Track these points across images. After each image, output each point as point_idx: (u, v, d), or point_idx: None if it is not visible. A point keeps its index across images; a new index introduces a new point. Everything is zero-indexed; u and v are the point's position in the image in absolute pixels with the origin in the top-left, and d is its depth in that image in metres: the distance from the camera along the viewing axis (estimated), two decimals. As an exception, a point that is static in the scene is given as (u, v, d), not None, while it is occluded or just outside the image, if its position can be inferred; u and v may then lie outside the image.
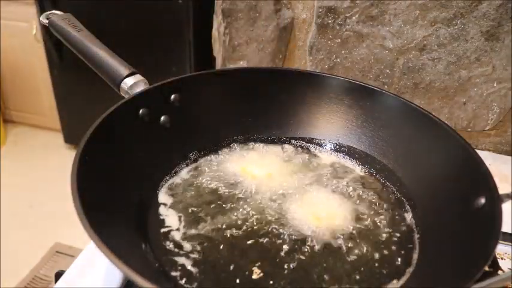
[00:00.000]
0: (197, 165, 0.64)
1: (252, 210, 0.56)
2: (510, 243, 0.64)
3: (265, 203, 0.57)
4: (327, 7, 0.87)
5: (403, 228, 0.56)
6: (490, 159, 0.87)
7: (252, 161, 0.65)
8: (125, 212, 0.51)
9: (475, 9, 0.79)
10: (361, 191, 0.61)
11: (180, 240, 0.51)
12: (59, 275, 0.56)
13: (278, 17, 0.93)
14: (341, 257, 0.50)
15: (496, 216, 0.44)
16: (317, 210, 0.57)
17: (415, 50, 0.86)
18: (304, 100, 0.70)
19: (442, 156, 0.58)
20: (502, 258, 0.63)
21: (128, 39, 1.75)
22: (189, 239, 0.51)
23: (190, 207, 0.56)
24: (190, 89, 0.64)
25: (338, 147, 0.69)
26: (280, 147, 0.69)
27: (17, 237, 1.88)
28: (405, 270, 0.50)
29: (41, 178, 2.25)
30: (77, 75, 2.00)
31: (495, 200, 0.46)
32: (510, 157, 0.89)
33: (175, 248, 0.50)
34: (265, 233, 0.53)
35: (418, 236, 0.55)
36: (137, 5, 1.72)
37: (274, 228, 0.53)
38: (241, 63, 1.00)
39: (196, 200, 0.58)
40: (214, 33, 1.03)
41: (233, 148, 0.67)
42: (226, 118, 0.68)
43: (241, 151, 0.67)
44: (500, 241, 0.43)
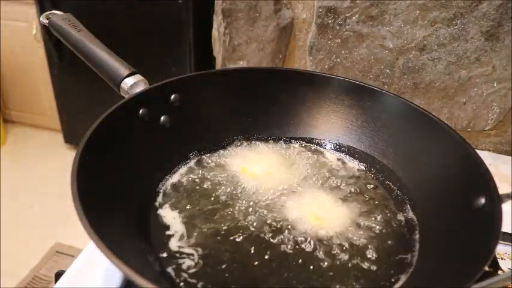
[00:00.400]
0: (197, 165, 0.64)
1: (252, 210, 0.56)
2: (510, 243, 0.64)
3: (265, 203, 0.57)
4: (327, 7, 0.87)
5: (403, 228, 0.56)
6: (490, 159, 0.87)
7: (252, 161, 0.65)
8: (125, 212, 0.51)
9: (475, 9, 0.79)
10: (361, 191, 0.61)
11: (180, 240, 0.51)
12: (59, 275, 0.56)
13: (278, 17, 0.93)
14: (340, 257, 0.50)
15: (496, 216, 0.44)
16: (317, 210, 0.57)
17: (415, 50, 0.86)
18: (304, 100, 0.70)
19: (442, 156, 0.58)
20: (502, 258, 0.63)
21: (128, 39, 1.75)
22: (189, 238, 0.52)
23: (190, 207, 0.56)
24: (190, 89, 0.65)
25: (338, 147, 0.69)
26: (280, 147, 0.69)
27: (17, 237, 1.88)
28: (405, 270, 0.50)
29: (41, 178, 2.25)
30: (77, 75, 2.00)
31: (495, 200, 0.46)
32: (510, 157, 0.90)
33: (175, 247, 0.50)
34: (265, 232, 0.53)
35: (418, 236, 0.55)
36: (137, 5, 1.72)
37: (274, 228, 0.53)
38: (241, 63, 1.00)
39: (196, 200, 0.58)
40: (214, 33, 1.03)
41: (233, 148, 0.67)
42: (226, 118, 0.68)
43: (241, 151, 0.67)
44: (500, 241, 0.43)
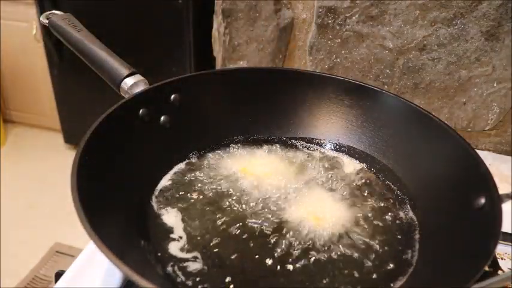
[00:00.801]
0: (197, 165, 0.64)
1: (252, 210, 0.56)
2: (510, 243, 0.64)
3: (265, 203, 0.57)
4: (327, 7, 0.87)
5: (403, 228, 0.56)
6: (490, 159, 0.87)
7: (252, 161, 0.65)
8: (125, 212, 0.51)
9: (475, 9, 0.79)
10: (361, 191, 0.61)
11: (180, 239, 0.51)
12: (59, 275, 0.56)
13: (278, 17, 0.93)
14: (340, 257, 0.50)
15: (496, 216, 0.44)
16: (316, 210, 0.57)
17: (415, 50, 0.86)
18: (304, 100, 0.70)
19: (442, 156, 0.58)
20: (502, 258, 0.63)
21: (128, 39, 1.75)
22: (189, 238, 0.52)
23: (190, 207, 0.56)
24: (190, 89, 0.64)
25: (338, 147, 0.69)
26: (280, 147, 0.69)
27: (17, 237, 1.88)
28: (405, 270, 0.50)
29: (41, 178, 2.25)
30: (77, 75, 2.00)
31: (495, 200, 0.46)
32: (510, 157, 0.89)
33: (175, 247, 0.50)
34: (264, 232, 0.53)
35: (418, 236, 0.55)
36: (137, 5, 1.72)
37: (274, 228, 0.53)
38: (241, 63, 1.00)
39: (196, 199, 0.58)
40: (214, 33, 1.03)
41: (233, 148, 0.67)
42: (226, 118, 0.68)
43: (241, 151, 0.67)
44: (500, 241, 0.43)
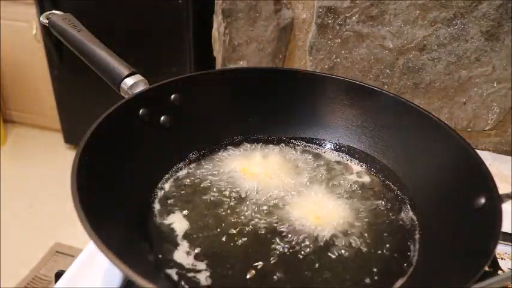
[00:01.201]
0: (197, 165, 0.64)
1: (252, 209, 0.56)
2: (510, 243, 0.64)
3: (265, 202, 0.57)
4: (327, 7, 0.87)
5: (403, 228, 0.56)
6: (490, 159, 0.87)
7: (252, 161, 0.65)
8: (125, 211, 0.51)
9: (475, 9, 0.79)
10: (361, 191, 0.61)
11: (180, 239, 0.51)
12: (59, 275, 0.56)
13: (278, 17, 0.93)
14: (341, 256, 0.50)
15: (496, 216, 0.44)
16: (317, 210, 0.57)
17: (415, 50, 0.86)
18: (304, 100, 0.70)
19: (442, 156, 0.58)
20: (502, 258, 0.63)
21: (128, 39, 1.75)
22: (189, 238, 0.52)
23: (190, 206, 0.56)
24: (190, 89, 0.64)
25: (338, 147, 0.69)
26: (280, 147, 0.69)
27: (17, 237, 1.88)
28: (405, 270, 0.50)
29: (41, 178, 2.25)
30: (77, 75, 2.00)
31: (495, 200, 0.46)
32: (510, 157, 0.89)
33: (175, 247, 0.50)
34: (265, 232, 0.53)
35: (418, 236, 0.55)
36: (137, 5, 1.72)
37: (274, 228, 0.53)
38: (241, 63, 1.00)
39: (196, 199, 0.58)
40: (214, 33, 1.03)
41: (233, 148, 0.67)
42: (226, 118, 0.68)
43: (242, 151, 0.67)
44: (500, 241, 0.43)
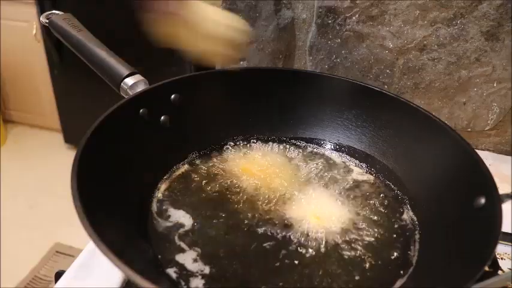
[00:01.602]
0: (197, 166, 0.64)
1: (252, 210, 0.56)
2: (510, 243, 0.64)
3: (265, 202, 0.57)
4: (327, 7, 0.87)
5: (403, 228, 0.56)
6: (490, 159, 0.87)
7: (252, 161, 0.65)
8: (125, 211, 0.51)
9: (475, 9, 0.79)
10: (361, 191, 0.61)
11: (180, 239, 0.51)
12: (59, 275, 0.56)
13: (278, 17, 0.93)
14: (341, 257, 0.50)
15: (496, 216, 0.44)
16: (317, 210, 0.57)
17: (415, 50, 0.86)
18: (304, 100, 0.70)
19: (442, 156, 0.58)
20: (502, 258, 0.62)
21: (128, 39, 1.74)
22: (189, 238, 0.52)
23: (189, 207, 0.56)
24: (190, 89, 0.64)
25: (338, 147, 0.69)
26: (280, 147, 0.69)
27: (17, 237, 1.88)
28: (405, 270, 0.50)
29: (41, 178, 2.25)
30: (77, 75, 2.00)
31: (495, 200, 0.46)
32: (510, 157, 0.89)
33: (175, 247, 0.50)
34: (265, 232, 0.53)
35: (418, 236, 0.55)
36: (137, 5, 1.71)
37: (274, 228, 0.53)
38: (241, 63, 1.00)
39: (196, 199, 0.58)
40: (214, 33, 1.03)
41: (233, 148, 0.67)
42: (226, 118, 0.68)
43: (242, 151, 0.67)
44: (500, 241, 0.43)
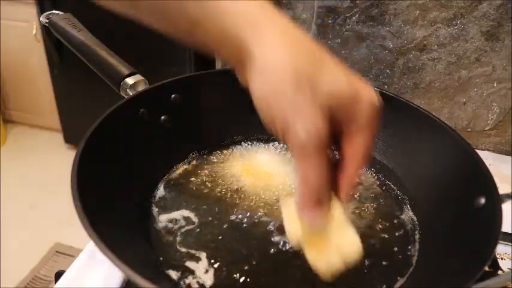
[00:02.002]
0: (197, 165, 0.64)
1: (252, 210, 0.56)
2: (510, 243, 0.64)
3: (265, 202, 0.57)
4: (327, 7, 0.87)
5: (403, 228, 0.56)
6: (490, 159, 0.87)
7: (252, 161, 0.65)
8: (125, 211, 0.51)
9: (475, 9, 0.79)
10: (361, 191, 0.61)
11: (180, 239, 0.51)
12: (59, 275, 0.56)
13: (278, 17, 0.93)
14: (341, 257, 0.50)
15: (496, 216, 0.44)
16: (317, 210, 0.56)
17: (415, 50, 0.86)
18: (304, 100, 0.70)
19: (442, 156, 0.58)
20: (502, 258, 0.63)
21: (128, 39, 1.74)
22: (189, 238, 0.52)
23: (190, 207, 0.56)
24: (190, 89, 0.64)
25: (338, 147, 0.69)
26: (280, 147, 0.69)
27: (17, 237, 1.88)
28: (405, 270, 0.50)
29: (41, 178, 2.25)
30: (77, 75, 2.00)
31: (495, 200, 0.46)
32: (510, 157, 0.89)
33: (175, 247, 0.50)
34: (265, 232, 0.53)
35: (418, 236, 0.55)
36: (137, 5, 1.72)
37: (274, 228, 0.53)
38: (241, 63, 1.00)
39: (196, 200, 0.58)
40: (214, 33, 1.03)
41: (233, 148, 0.67)
42: (226, 118, 0.68)
43: (242, 151, 0.67)
44: (500, 241, 0.43)
